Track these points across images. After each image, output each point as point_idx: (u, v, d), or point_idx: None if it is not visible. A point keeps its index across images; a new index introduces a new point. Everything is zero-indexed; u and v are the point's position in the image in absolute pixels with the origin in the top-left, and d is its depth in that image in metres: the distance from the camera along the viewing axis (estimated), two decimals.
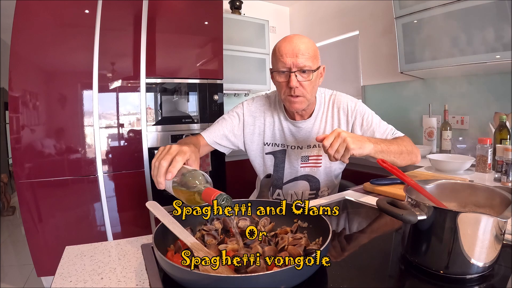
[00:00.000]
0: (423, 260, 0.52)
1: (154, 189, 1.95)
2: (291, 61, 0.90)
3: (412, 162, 1.00)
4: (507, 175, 1.09)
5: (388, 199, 0.52)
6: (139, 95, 1.87)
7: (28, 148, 1.62)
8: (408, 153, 0.96)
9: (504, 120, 1.32)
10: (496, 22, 1.36)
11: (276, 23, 3.11)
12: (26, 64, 1.60)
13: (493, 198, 0.57)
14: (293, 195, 1.12)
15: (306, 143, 1.06)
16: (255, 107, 1.10)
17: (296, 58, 0.89)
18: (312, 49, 0.93)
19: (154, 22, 1.89)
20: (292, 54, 0.89)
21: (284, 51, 0.90)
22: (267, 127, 1.09)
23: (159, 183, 0.62)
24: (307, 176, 1.09)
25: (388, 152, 0.88)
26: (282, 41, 0.94)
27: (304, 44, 0.91)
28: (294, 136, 1.07)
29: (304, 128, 1.06)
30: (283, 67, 0.91)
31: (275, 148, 1.09)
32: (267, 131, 1.09)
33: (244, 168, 2.31)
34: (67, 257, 0.60)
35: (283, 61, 0.90)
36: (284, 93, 0.95)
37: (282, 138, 1.08)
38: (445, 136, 1.65)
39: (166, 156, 0.65)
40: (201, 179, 0.58)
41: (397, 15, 1.73)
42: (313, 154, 1.07)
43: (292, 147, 1.07)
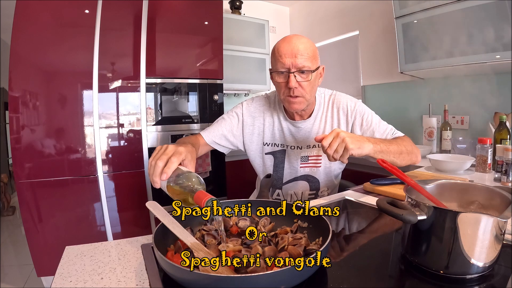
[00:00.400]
0: (423, 260, 0.52)
1: (154, 189, 1.95)
2: (290, 61, 0.89)
3: (412, 162, 0.99)
4: (507, 175, 1.09)
5: (388, 199, 0.52)
6: (139, 95, 1.87)
7: (28, 148, 1.62)
8: (408, 153, 0.95)
9: (504, 120, 1.32)
10: (496, 22, 1.36)
11: (276, 23, 3.11)
12: (26, 64, 1.60)
13: (493, 198, 0.57)
14: (292, 195, 1.12)
15: (305, 143, 1.06)
16: (254, 107, 1.10)
17: (295, 58, 0.89)
18: (311, 49, 0.92)
19: (154, 22, 1.89)
20: (291, 54, 0.89)
21: (283, 52, 0.90)
22: (267, 127, 1.09)
23: (155, 182, 0.64)
24: (307, 176, 1.09)
25: (388, 152, 0.87)
26: (281, 42, 0.94)
27: (303, 44, 0.91)
28: (294, 136, 1.07)
29: (304, 128, 1.06)
30: (282, 68, 0.91)
31: (274, 148, 1.09)
32: (267, 131, 1.09)
33: (244, 168, 2.31)
34: (67, 257, 0.60)
35: (282, 61, 0.90)
36: (283, 93, 0.95)
37: (282, 138, 1.08)
38: (445, 136, 1.65)
39: (162, 156, 0.66)
40: (194, 181, 0.60)
41: (397, 15, 1.73)
42: (313, 154, 1.07)
43: (291, 147, 1.07)
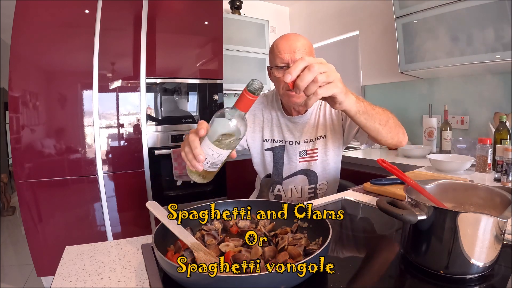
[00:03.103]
0: (423, 260, 0.52)
1: (154, 189, 1.95)
2: (289, 56, 0.94)
3: (398, 140, 0.87)
4: (507, 175, 1.09)
5: (388, 199, 0.52)
6: (139, 95, 1.87)
7: (28, 148, 1.62)
8: (395, 126, 0.83)
9: (504, 120, 1.32)
10: (496, 22, 1.36)
11: (276, 23, 3.11)
12: (26, 64, 1.60)
13: (493, 198, 0.57)
14: (293, 190, 1.13)
15: (303, 138, 1.09)
16: (253, 106, 1.12)
17: (293, 54, 0.94)
18: (308, 46, 0.97)
19: (154, 22, 1.90)
20: (290, 50, 0.94)
21: (282, 48, 0.95)
22: (266, 124, 1.12)
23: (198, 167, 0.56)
24: (305, 170, 1.12)
25: (372, 115, 0.72)
26: (279, 39, 0.98)
27: (300, 41, 0.96)
28: (292, 132, 1.10)
29: (301, 123, 1.09)
30: (281, 63, 0.96)
31: (274, 144, 1.12)
32: (266, 128, 1.12)
33: (244, 168, 2.31)
34: (67, 257, 0.60)
35: (281, 57, 0.95)
36: (282, 88, 0.99)
37: (280, 134, 1.11)
38: (445, 136, 1.65)
39: (184, 146, 0.60)
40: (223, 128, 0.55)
41: (397, 15, 1.73)
42: (309, 148, 1.10)
43: (290, 143, 1.10)
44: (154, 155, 1.92)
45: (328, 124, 1.08)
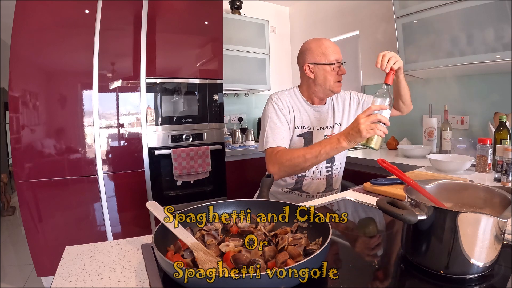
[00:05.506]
0: (423, 260, 0.52)
1: (154, 189, 1.95)
2: (339, 55, 1.16)
3: (409, 106, 1.25)
4: (507, 175, 1.09)
5: (388, 199, 0.52)
6: (139, 95, 1.87)
7: (28, 148, 1.62)
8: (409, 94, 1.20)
9: (504, 120, 1.32)
10: (496, 22, 1.36)
11: (276, 23, 3.11)
12: (26, 64, 1.60)
13: (493, 198, 0.57)
14: (314, 169, 1.25)
15: (325, 124, 1.26)
16: (284, 101, 1.23)
17: (339, 53, 1.17)
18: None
19: (154, 22, 1.90)
20: (337, 50, 1.16)
21: (333, 48, 1.15)
22: (296, 114, 1.26)
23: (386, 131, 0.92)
24: None
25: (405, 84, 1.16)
26: (323, 41, 1.17)
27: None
28: (317, 119, 1.27)
29: (323, 111, 1.27)
30: (336, 59, 1.15)
31: (303, 130, 1.26)
32: (297, 117, 1.26)
33: (244, 168, 2.32)
34: (67, 257, 0.60)
35: (336, 54, 1.15)
36: (334, 80, 1.17)
37: (308, 121, 1.26)
38: (445, 136, 1.65)
39: (365, 121, 0.90)
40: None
41: (397, 15, 1.73)
42: (329, 133, 1.27)
43: (316, 128, 1.26)
44: (154, 155, 1.92)
45: (345, 114, 1.30)
